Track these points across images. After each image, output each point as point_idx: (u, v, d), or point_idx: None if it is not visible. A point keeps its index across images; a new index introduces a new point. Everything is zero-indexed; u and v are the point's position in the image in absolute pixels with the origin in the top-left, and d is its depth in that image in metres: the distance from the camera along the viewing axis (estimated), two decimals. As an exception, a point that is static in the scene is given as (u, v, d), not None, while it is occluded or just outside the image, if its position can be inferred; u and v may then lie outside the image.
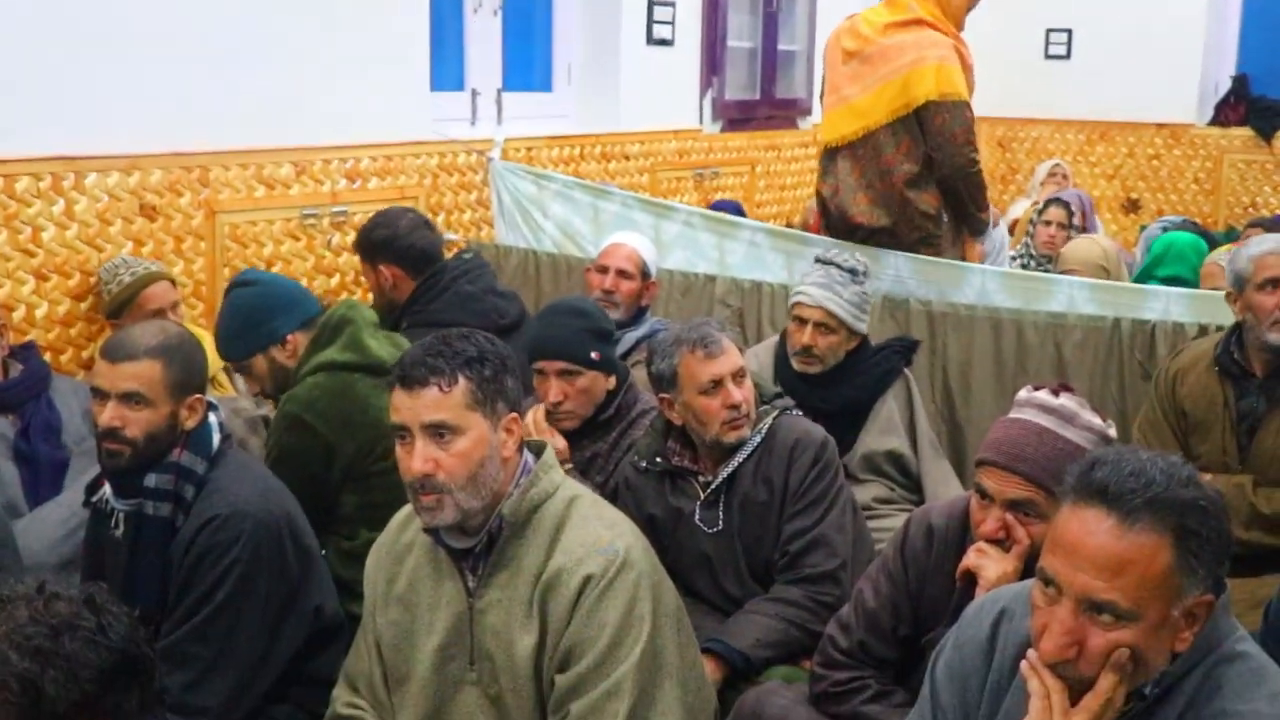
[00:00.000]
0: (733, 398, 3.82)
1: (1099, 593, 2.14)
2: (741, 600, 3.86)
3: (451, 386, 2.87)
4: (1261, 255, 4.34)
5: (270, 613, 3.37)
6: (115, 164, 5.12)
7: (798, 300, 4.69)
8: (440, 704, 3.04)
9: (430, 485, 2.86)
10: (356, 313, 4.20)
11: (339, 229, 5.91)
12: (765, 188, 8.82)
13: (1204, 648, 2.24)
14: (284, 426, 4.03)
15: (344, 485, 4.03)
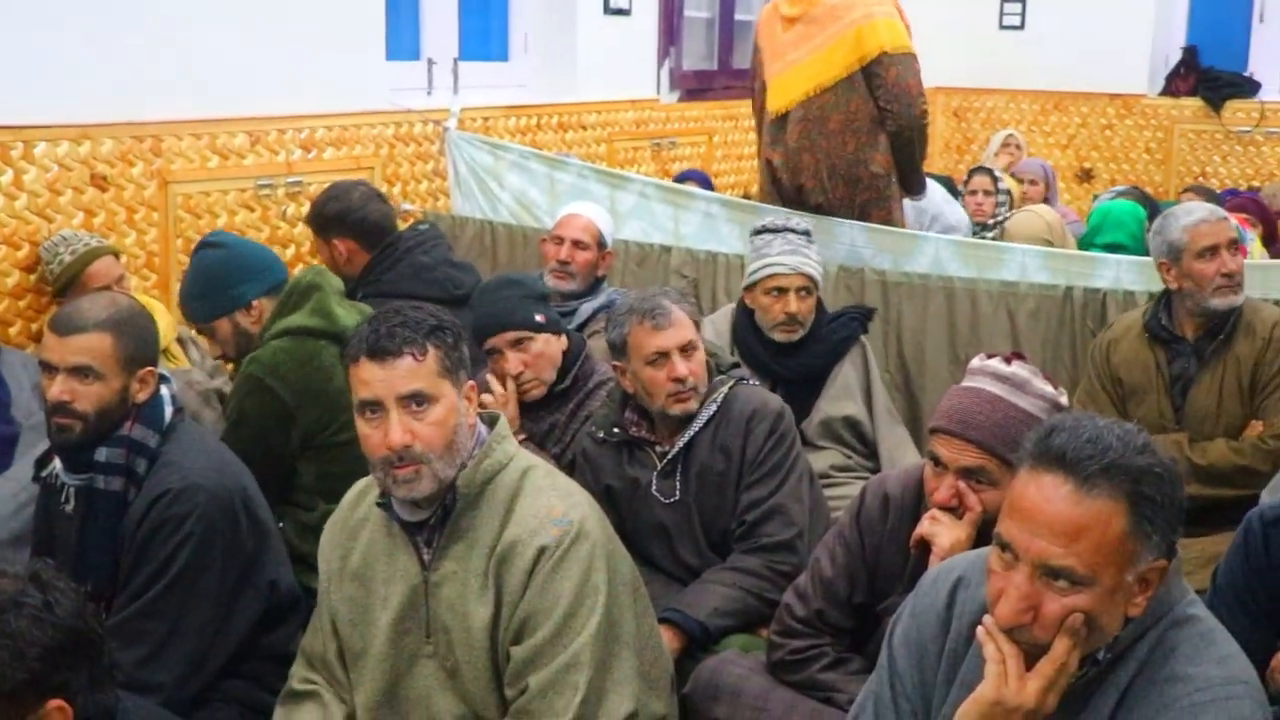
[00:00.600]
0: (677, 371, 3.80)
1: (1055, 558, 2.14)
2: (699, 570, 3.86)
3: (424, 355, 2.85)
4: (1195, 225, 4.44)
5: (225, 588, 3.34)
6: (65, 133, 5.04)
7: (773, 272, 4.65)
8: (397, 678, 3.03)
9: (409, 456, 2.83)
10: (325, 279, 4.17)
11: (294, 199, 5.85)
12: (723, 158, 8.79)
13: (1156, 612, 2.25)
14: (245, 389, 3.99)
15: (302, 454, 4.00)
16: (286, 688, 3.18)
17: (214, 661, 3.35)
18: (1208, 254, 4.39)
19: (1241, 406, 4.41)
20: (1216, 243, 4.39)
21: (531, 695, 2.87)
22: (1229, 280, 4.38)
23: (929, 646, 2.49)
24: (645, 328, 3.83)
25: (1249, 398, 4.41)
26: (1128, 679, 2.24)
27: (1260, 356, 4.39)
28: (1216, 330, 4.44)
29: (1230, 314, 4.43)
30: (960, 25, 10.43)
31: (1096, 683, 2.26)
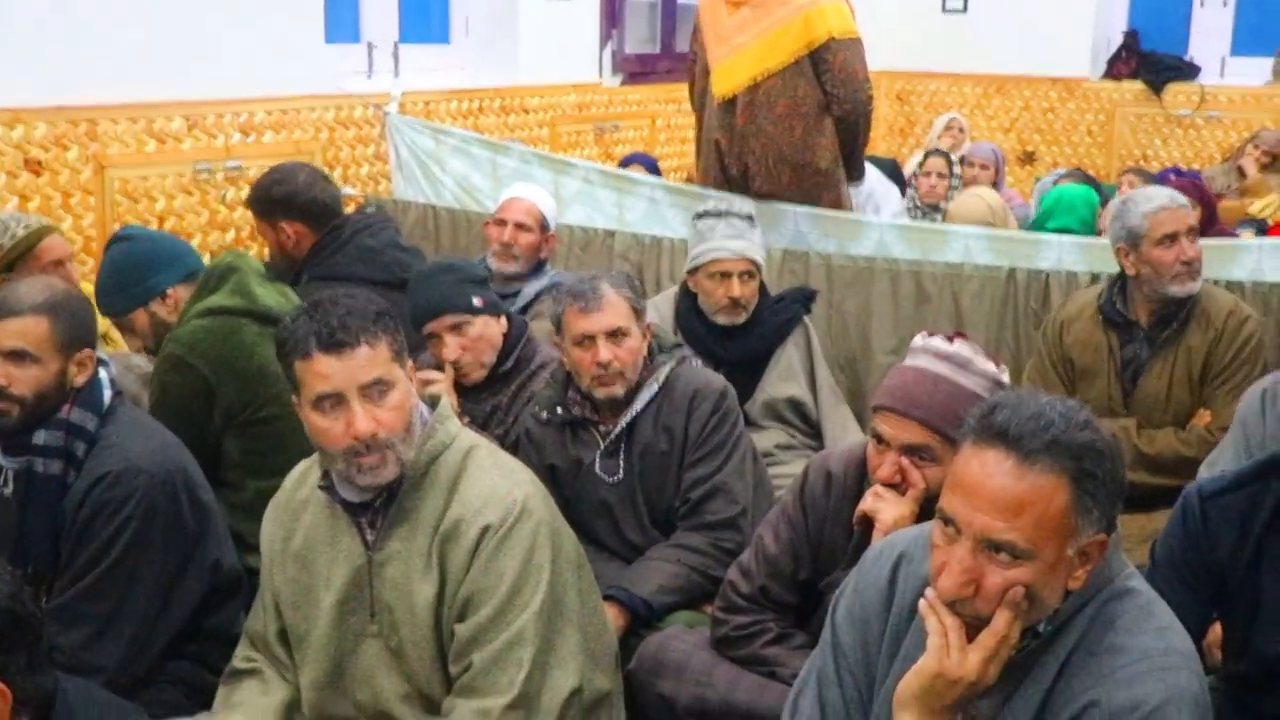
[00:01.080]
0: (600, 356, 3.81)
1: (997, 533, 2.17)
2: (643, 548, 3.87)
3: (378, 342, 2.86)
4: (1155, 212, 4.44)
5: (167, 569, 3.33)
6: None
7: (716, 257, 4.67)
8: (341, 658, 3.03)
9: (375, 444, 2.83)
10: (243, 261, 4.14)
11: (233, 183, 5.83)
12: (666, 141, 8.81)
13: (1096, 584, 2.28)
14: (165, 367, 3.97)
15: (226, 431, 3.96)
16: (229, 667, 3.18)
17: (157, 643, 3.34)
18: (1168, 241, 4.39)
19: (1190, 395, 4.45)
20: (1177, 230, 4.40)
21: (476, 672, 2.88)
22: (1188, 268, 4.39)
23: (872, 622, 2.51)
24: (575, 309, 3.84)
25: (1198, 387, 4.45)
26: (1067, 650, 2.27)
27: (1212, 347, 4.43)
28: (1170, 317, 4.46)
29: (1186, 301, 4.45)
30: (904, 8, 10.48)
31: (1037, 654, 2.29)
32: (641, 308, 3.92)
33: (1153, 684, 2.18)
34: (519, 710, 2.87)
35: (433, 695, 2.98)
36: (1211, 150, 9.75)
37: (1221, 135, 9.80)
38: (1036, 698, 2.27)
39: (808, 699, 2.56)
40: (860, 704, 2.49)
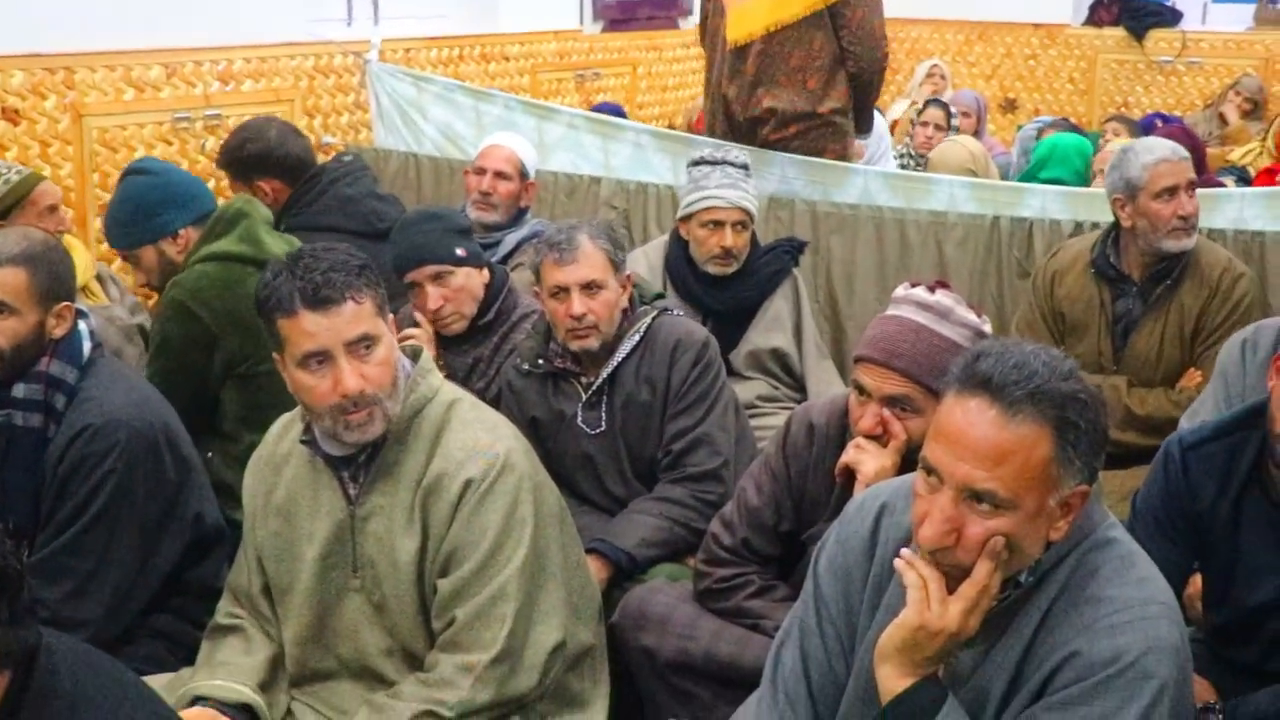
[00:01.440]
0: (573, 309, 3.80)
1: (979, 482, 2.17)
2: (625, 500, 3.88)
3: (363, 298, 2.82)
4: (1155, 164, 4.39)
5: (148, 523, 3.33)
6: (-28, 66, 4.97)
7: (710, 205, 4.63)
8: (324, 613, 3.02)
9: (363, 401, 2.81)
10: (253, 208, 4.13)
11: (212, 133, 5.77)
12: (647, 89, 8.76)
13: (1077, 535, 2.28)
14: (167, 313, 3.96)
15: (225, 382, 3.97)
16: (212, 622, 3.17)
17: (139, 597, 3.35)
18: (1166, 194, 4.34)
19: (1181, 353, 4.42)
20: (1176, 184, 4.35)
21: (459, 627, 2.88)
22: (1184, 223, 4.34)
23: (854, 573, 2.50)
24: (550, 260, 3.83)
25: (1190, 345, 4.41)
26: (1049, 601, 2.26)
27: (1206, 305, 4.38)
28: (1164, 274, 4.42)
29: (1180, 257, 4.40)
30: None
31: (1018, 605, 2.29)
32: (620, 260, 3.89)
33: (1133, 634, 2.18)
34: (502, 665, 2.87)
35: (415, 650, 2.98)
36: (1193, 97, 9.74)
37: (1203, 82, 9.78)
38: (1018, 649, 2.26)
39: (790, 650, 2.55)
40: (842, 654, 2.49)
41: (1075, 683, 2.17)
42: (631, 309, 3.94)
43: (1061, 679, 2.19)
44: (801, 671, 2.50)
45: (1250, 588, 2.95)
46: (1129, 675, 2.15)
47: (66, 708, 2.00)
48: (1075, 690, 2.17)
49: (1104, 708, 2.14)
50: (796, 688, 2.49)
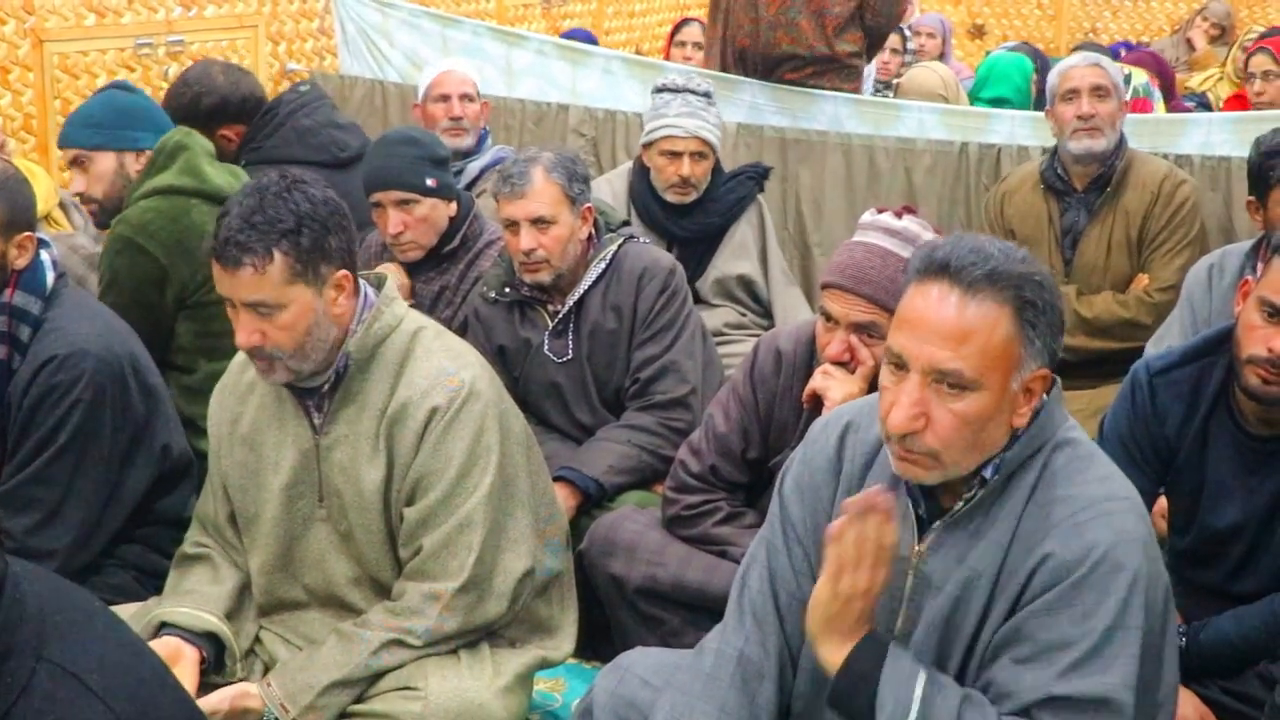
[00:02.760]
0: (521, 244, 3.78)
1: (945, 362, 2.19)
2: (593, 428, 3.87)
3: (266, 264, 2.76)
4: (1066, 68, 4.55)
5: (116, 453, 3.31)
6: (-69, -9, 4.90)
7: (668, 134, 4.58)
8: (291, 542, 3.02)
9: (259, 354, 2.82)
10: (192, 140, 4.04)
11: (175, 59, 5.71)
12: (614, 14, 8.68)
13: (1040, 438, 2.29)
14: (115, 250, 3.90)
15: (178, 313, 3.92)
16: (179, 551, 3.16)
17: (107, 527, 3.34)
18: (1070, 95, 4.46)
19: (1128, 259, 4.48)
20: (1077, 86, 4.46)
21: (426, 556, 2.88)
22: (1083, 123, 4.42)
23: (821, 491, 2.50)
24: (502, 193, 3.81)
25: (1136, 251, 4.47)
26: (1021, 504, 2.27)
27: (1148, 210, 4.45)
28: (1104, 182, 4.48)
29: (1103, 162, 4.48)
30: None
31: (988, 506, 2.29)
32: (576, 194, 3.83)
33: (1100, 529, 2.20)
34: (470, 594, 2.88)
35: (382, 579, 2.98)
36: (1160, 23, 9.73)
37: (1171, 7, 9.77)
38: (997, 556, 2.26)
39: (756, 571, 2.54)
40: (809, 573, 2.47)
41: (1052, 586, 2.19)
42: (597, 236, 3.91)
43: (1038, 583, 2.21)
44: (769, 591, 2.50)
45: (1216, 511, 2.97)
46: (1101, 570, 2.17)
47: (34, 634, 1.96)
48: (1053, 595, 2.19)
49: (1084, 606, 2.17)
50: (764, 606, 2.49)
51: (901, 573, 2.33)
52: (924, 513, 2.36)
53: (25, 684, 1.92)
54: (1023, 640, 2.21)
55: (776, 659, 2.45)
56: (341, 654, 2.85)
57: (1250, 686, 2.94)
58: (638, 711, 2.48)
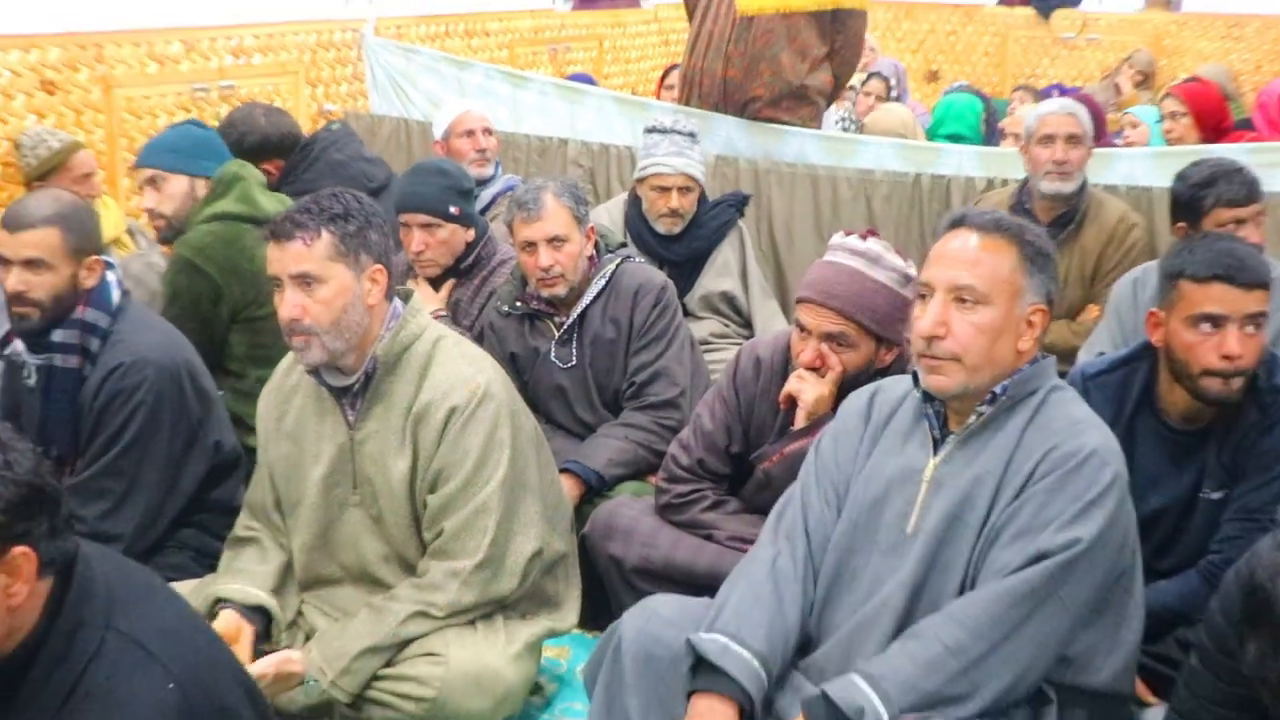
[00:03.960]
0: (540, 261, 3.76)
1: (961, 279, 2.41)
2: (594, 426, 3.86)
3: (314, 240, 2.79)
4: (1044, 114, 4.50)
5: (174, 449, 3.33)
6: (14, 42, 4.89)
7: (658, 172, 4.57)
8: (329, 524, 3.03)
9: (298, 328, 2.81)
10: (247, 171, 4.08)
11: (227, 101, 5.69)
12: (612, 61, 8.68)
13: (1039, 379, 2.48)
14: (177, 269, 3.92)
15: (232, 327, 3.94)
16: (232, 534, 3.17)
17: (167, 514, 3.35)
18: (1046, 141, 4.43)
19: (1082, 290, 4.46)
20: (1055, 133, 4.42)
21: (447, 537, 2.89)
22: (1058, 167, 4.40)
23: (852, 435, 2.64)
24: (519, 218, 3.79)
25: (1089, 284, 4.45)
26: (1025, 420, 2.44)
27: (1103, 250, 4.44)
28: (1068, 220, 4.45)
29: (1069, 201, 4.45)
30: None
31: (999, 420, 2.45)
32: (582, 215, 3.83)
33: (1092, 435, 2.41)
34: (485, 571, 2.89)
35: (409, 557, 2.99)
36: (1092, 69, 9.71)
37: (1101, 56, 9.75)
38: (1003, 459, 2.42)
39: (791, 504, 2.65)
40: (835, 502, 2.60)
41: (1056, 470, 2.36)
42: (597, 256, 3.91)
43: (1045, 466, 2.38)
44: (801, 517, 2.61)
45: (1143, 499, 2.96)
46: (1093, 462, 2.36)
47: (103, 606, 2.00)
48: (1053, 478, 2.36)
49: (1077, 487, 2.35)
50: (795, 529, 2.61)
51: (916, 484, 2.49)
52: (938, 435, 2.51)
53: (96, 650, 1.96)
54: (1022, 514, 2.37)
55: (803, 566, 2.57)
56: (373, 624, 2.86)
57: (1169, 649, 2.95)
58: (663, 645, 2.51)
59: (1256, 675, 2.08)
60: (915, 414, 2.55)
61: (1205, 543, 3.14)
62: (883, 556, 2.49)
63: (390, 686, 2.84)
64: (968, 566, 2.40)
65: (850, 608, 2.50)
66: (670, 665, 2.49)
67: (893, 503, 2.50)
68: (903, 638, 2.36)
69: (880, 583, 2.47)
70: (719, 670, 2.39)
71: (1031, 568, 2.31)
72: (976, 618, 2.30)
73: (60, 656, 1.95)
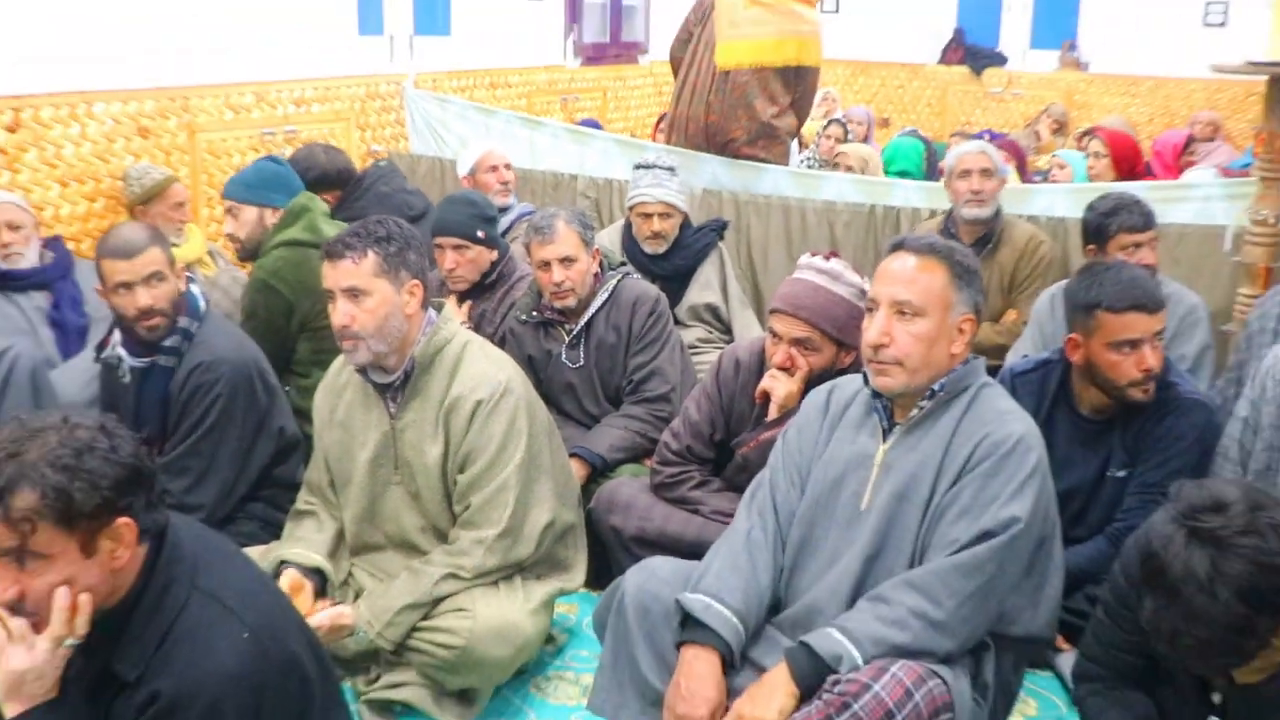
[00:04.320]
0: (553, 277, 3.75)
1: (900, 294, 2.42)
2: (599, 417, 3.85)
3: (361, 259, 2.80)
4: (961, 153, 4.57)
5: (245, 433, 3.34)
6: (117, 95, 4.91)
7: (641, 201, 4.55)
8: (374, 500, 3.02)
9: (348, 333, 2.82)
10: (314, 203, 4.09)
11: (290, 143, 5.68)
12: (614, 109, 8.66)
13: (970, 377, 2.48)
14: (255, 289, 3.94)
15: (300, 335, 3.93)
16: (293, 508, 3.16)
17: (240, 489, 3.37)
18: (963, 175, 4.47)
19: (1002, 299, 4.47)
20: (969, 168, 4.47)
21: (473, 510, 2.88)
22: (975, 196, 4.45)
23: (813, 424, 2.63)
24: (535, 240, 3.78)
25: (1008, 293, 4.48)
26: (960, 413, 2.44)
27: (1017, 264, 4.47)
28: (986, 240, 4.48)
29: (987, 225, 4.48)
30: (792, 10, 10.31)
31: (935, 414, 2.45)
32: (590, 238, 3.82)
33: (1017, 424, 2.42)
34: (506, 539, 2.88)
35: (442, 527, 2.98)
36: (1016, 119, 9.69)
37: (1023, 108, 9.75)
38: (942, 446, 2.42)
39: (762, 486, 2.64)
40: (799, 482, 2.58)
41: (988, 457, 2.37)
42: (601, 273, 3.89)
43: (980, 452, 2.38)
44: (770, 495, 2.61)
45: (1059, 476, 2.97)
46: (1020, 449, 2.37)
47: (189, 568, 2.03)
48: (988, 464, 2.36)
49: (1008, 473, 2.35)
50: (765, 504, 2.60)
51: (869, 467, 2.48)
52: (886, 425, 2.49)
53: (183, 604, 1.99)
54: (964, 495, 2.37)
55: (773, 538, 2.56)
56: (411, 584, 2.85)
57: (1079, 603, 2.97)
58: (659, 602, 2.51)
59: (1150, 626, 2.10)
60: (866, 407, 2.55)
61: (1111, 514, 3.16)
62: (840, 530, 2.48)
63: (426, 636, 2.82)
64: (916, 539, 2.40)
65: (814, 573, 2.50)
66: (663, 618, 2.49)
67: (849, 483, 2.49)
68: (869, 599, 2.35)
69: (839, 553, 2.47)
70: (703, 625, 2.39)
71: (980, 545, 2.31)
72: (934, 585, 2.30)
73: (154, 609, 1.97)
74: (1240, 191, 4.57)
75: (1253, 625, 1.99)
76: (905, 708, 2.15)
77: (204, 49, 5.24)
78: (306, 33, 5.77)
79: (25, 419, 1.95)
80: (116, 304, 3.26)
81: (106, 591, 1.95)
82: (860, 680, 2.19)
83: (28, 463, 1.85)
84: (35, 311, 4.15)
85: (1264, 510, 2.01)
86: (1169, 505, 2.09)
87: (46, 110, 4.65)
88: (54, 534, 1.85)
